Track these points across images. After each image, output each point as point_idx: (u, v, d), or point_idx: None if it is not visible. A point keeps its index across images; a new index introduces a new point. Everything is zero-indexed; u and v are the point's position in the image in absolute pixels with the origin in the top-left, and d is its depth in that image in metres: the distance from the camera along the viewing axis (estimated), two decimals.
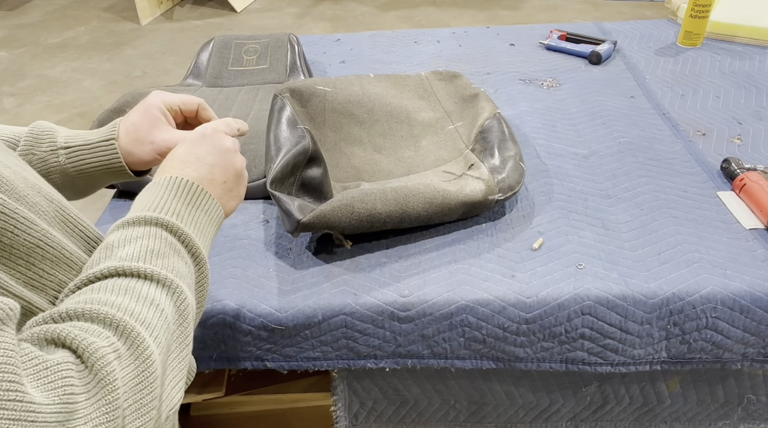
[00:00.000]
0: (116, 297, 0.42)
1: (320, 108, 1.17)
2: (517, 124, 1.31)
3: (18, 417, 0.33)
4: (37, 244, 0.46)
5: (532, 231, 1.01)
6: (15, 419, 0.32)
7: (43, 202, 0.51)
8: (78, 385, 0.37)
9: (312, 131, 1.09)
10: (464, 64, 1.58)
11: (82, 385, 0.38)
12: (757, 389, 1.00)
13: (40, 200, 0.50)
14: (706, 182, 1.12)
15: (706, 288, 0.90)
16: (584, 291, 0.90)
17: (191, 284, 0.48)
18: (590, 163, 1.18)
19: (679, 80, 1.48)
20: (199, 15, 3.74)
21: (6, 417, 0.32)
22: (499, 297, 0.90)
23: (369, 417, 1.04)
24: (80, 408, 0.37)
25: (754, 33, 1.62)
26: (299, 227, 0.90)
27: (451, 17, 3.60)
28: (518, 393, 1.01)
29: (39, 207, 0.49)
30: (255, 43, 1.56)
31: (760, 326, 0.90)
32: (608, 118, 1.32)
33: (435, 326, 0.90)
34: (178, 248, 0.49)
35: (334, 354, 0.93)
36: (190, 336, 0.46)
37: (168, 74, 3.10)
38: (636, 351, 0.92)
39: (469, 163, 1.09)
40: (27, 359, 0.36)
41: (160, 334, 0.42)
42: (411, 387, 1.00)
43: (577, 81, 1.48)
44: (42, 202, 0.50)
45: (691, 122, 1.31)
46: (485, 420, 1.05)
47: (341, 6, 3.82)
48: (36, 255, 0.46)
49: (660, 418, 1.04)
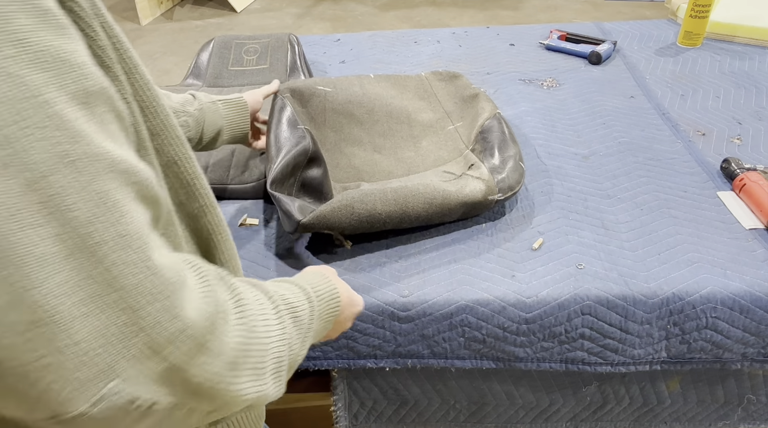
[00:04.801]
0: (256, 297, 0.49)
1: (320, 108, 1.17)
2: (517, 124, 1.31)
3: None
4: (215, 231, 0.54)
5: (532, 231, 1.01)
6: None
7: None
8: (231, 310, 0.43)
9: (312, 131, 1.09)
10: (464, 64, 1.58)
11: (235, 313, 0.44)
12: (757, 389, 1.00)
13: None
14: (706, 182, 1.12)
15: (706, 288, 0.90)
16: (584, 291, 0.90)
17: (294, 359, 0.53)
18: (590, 163, 1.18)
19: (679, 80, 1.48)
20: (199, 15, 3.74)
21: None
22: (499, 297, 0.90)
23: (369, 417, 1.04)
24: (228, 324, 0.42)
25: (754, 33, 1.62)
26: (299, 228, 0.90)
27: (451, 17, 3.60)
28: (518, 393, 1.01)
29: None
30: (255, 43, 1.56)
31: (760, 326, 0.90)
32: (608, 118, 1.32)
33: (435, 326, 0.90)
34: (304, 323, 0.55)
35: (334, 354, 0.93)
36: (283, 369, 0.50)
37: (168, 74, 3.10)
38: (636, 351, 0.92)
39: (469, 163, 1.09)
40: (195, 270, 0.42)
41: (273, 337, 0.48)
42: (411, 387, 1.00)
43: (577, 81, 1.48)
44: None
45: (691, 122, 1.31)
46: (485, 420, 1.05)
47: (341, 6, 3.82)
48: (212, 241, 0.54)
49: (660, 418, 1.04)
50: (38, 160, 0.32)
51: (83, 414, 0.35)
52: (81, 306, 0.34)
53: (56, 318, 0.33)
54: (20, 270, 0.32)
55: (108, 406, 0.35)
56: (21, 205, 0.32)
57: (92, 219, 0.34)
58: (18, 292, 0.32)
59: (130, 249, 0.36)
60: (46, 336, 0.33)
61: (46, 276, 0.32)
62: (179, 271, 0.39)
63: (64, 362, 0.33)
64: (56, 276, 0.33)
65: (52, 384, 0.34)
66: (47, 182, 0.33)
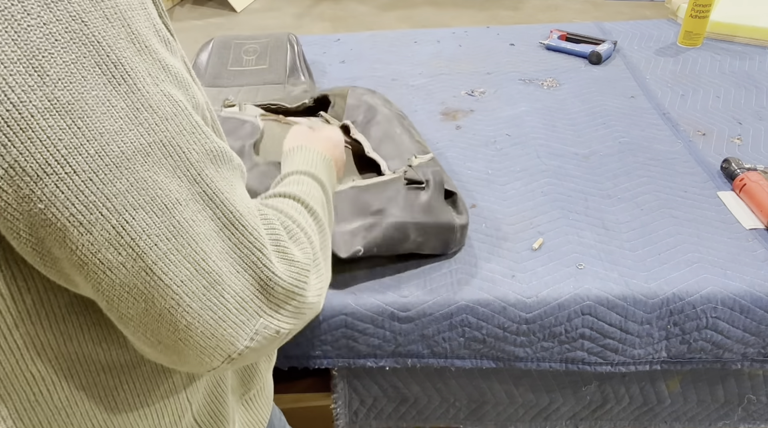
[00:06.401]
0: (292, 210, 0.55)
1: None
2: (517, 124, 1.31)
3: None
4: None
5: (532, 232, 1.01)
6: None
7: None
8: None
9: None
10: (464, 64, 1.58)
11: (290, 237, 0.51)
12: (757, 389, 1.00)
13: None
14: (706, 182, 1.12)
15: (706, 288, 0.90)
16: (584, 291, 0.90)
17: (327, 223, 0.62)
18: (590, 163, 1.18)
19: (679, 80, 1.48)
20: (199, 15, 3.73)
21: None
22: (499, 297, 0.90)
23: (369, 415, 1.04)
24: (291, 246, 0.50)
25: (754, 33, 1.62)
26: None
27: (451, 17, 3.60)
28: (518, 392, 1.01)
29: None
30: (254, 43, 1.56)
31: (760, 326, 0.90)
32: (608, 118, 1.32)
33: (435, 326, 0.90)
34: (323, 200, 0.63)
35: (335, 353, 0.93)
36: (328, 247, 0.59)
37: None
38: (636, 351, 0.92)
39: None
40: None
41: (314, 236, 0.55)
42: (411, 386, 1.00)
43: (577, 81, 1.48)
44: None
45: (691, 122, 1.31)
46: (485, 419, 1.05)
47: (341, 6, 3.82)
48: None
49: (660, 418, 1.04)
50: (195, 159, 0.42)
51: (247, 348, 0.44)
52: (232, 267, 0.43)
53: (221, 279, 0.42)
54: (198, 245, 0.41)
55: (261, 337, 0.45)
56: (188, 195, 0.41)
57: (232, 199, 0.43)
58: (198, 263, 0.41)
59: (251, 223, 0.45)
60: (218, 293, 0.42)
61: (210, 247, 0.42)
62: (274, 228, 0.48)
63: (230, 312, 0.43)
64: (215, 246, 0.42)
65: (225, 332, 0.43)
66: (203, 176, 0.42)
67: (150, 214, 0.39)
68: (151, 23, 0.42)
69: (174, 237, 0.40)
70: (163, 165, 0.40)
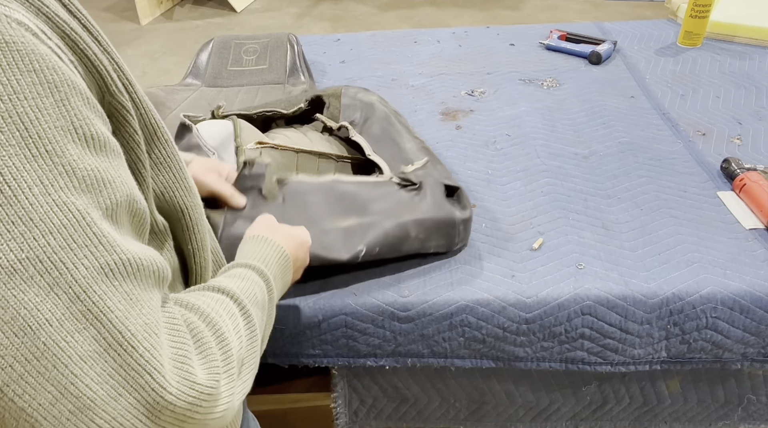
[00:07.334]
0: (221, 310, 0.52)
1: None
2: (517, 124, 1.31)
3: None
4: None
5: (532, 232, 1.01)
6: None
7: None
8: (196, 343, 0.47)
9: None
10: (464, 64, 1.58)
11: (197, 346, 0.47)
12: (757, 389, 1.00)
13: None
14: (706, 182, 1.12)
15: (706, 288, 0.90)
16: (584, 291, 0.90)
17: (262, 327, 0.60)
18: (590, 163, 1.18)
19: (679, 80, 1.48)
20: (199, 15, 3.73)
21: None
22: (499, 297, 0.90)
23: (369, 414, 1.04)
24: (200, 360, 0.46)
25: (754, 33, 1.62)
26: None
27: (451, 17, 3.60)
28: (518, 392, 1.01)
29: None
30: (254, 43, 1.56)
31: (760, 326, 0.90)
32: (608, 118, 1.32)
33: (435, 326, 0.90)
34: (265, 302, 0.61)
35: (334, 352, 0.93)
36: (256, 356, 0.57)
37: (168, 74, 3.10)
38: (636, 350, 0.92)
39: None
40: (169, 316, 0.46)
41: (242, 340, 0.53)
42: (411, 386, 1.00)
43: (577, 81, 1.48)
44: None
45: (691, 122, 1.31)
46: (485, 419, 1.05)
47: (341, 6, 3.82)
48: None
49: (660, 418, 1.04)
50: (80, 275, 0.39)
51: None
52: (112, 390, 0.40)
53: (94, 404, 0.39)
54: (67, 368, 0.38)
55: None
56: (64, 315, 0.38)
57: (122, 318, 0.40)
58: (66, 386, 0.38)
59: (144, 343, 0.41)
60: (87, 419, 0.39)
61: (85, 370, 0.39)
62: (181, 342, 0.44)
63: None
64: (94, 368, 0.39)
65: None
66: (89, 293, 0.39)
67: (8, 335, 0.37)
68: (67, 122, 0.39)
69: (36, 359, 0.38)
70: (36, 282, 0.38)
